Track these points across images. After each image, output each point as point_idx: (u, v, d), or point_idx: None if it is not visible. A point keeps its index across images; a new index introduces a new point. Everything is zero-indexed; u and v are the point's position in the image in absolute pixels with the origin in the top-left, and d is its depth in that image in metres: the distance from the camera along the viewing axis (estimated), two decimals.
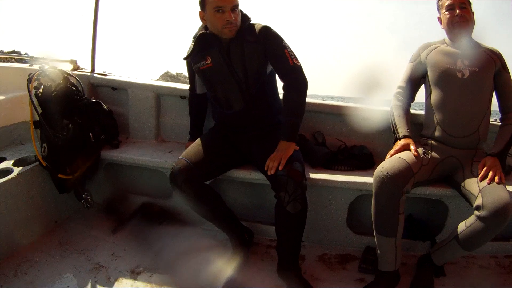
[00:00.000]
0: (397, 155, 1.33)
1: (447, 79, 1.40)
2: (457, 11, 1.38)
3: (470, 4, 1.42)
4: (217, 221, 1.44)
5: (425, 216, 1.61)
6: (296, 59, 1.37)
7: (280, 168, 1.24)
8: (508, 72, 1.43)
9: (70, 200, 1.62)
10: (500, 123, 1.47)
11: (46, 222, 1.56)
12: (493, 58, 1.41)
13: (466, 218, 1.21)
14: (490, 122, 1.50)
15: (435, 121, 1.42)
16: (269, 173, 1.26)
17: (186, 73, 1.62)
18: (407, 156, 1.32)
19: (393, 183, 1.23)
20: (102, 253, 1.45)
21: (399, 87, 1.52)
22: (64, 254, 1.43)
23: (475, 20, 1.43)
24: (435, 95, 1.42)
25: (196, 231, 1.57)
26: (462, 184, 1.34)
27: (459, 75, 1.38)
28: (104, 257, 1.42)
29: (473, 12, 1.42)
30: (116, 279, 1.30)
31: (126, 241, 1.54)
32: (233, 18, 1.30)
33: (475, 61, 1.38)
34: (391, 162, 1.28)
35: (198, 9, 1.37)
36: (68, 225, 1.62)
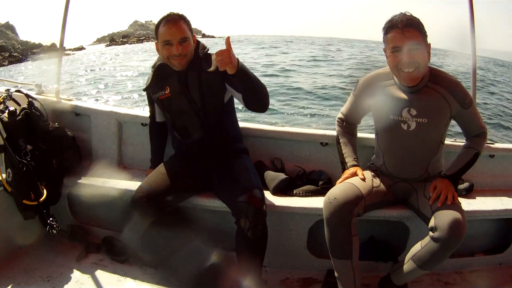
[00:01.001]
0: (346, 180, 1.41)
1: (391, 130, 1.40)
2: (405, 57, 1.24)
3: (424, 37, 1.26)
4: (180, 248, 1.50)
5: (387, 237, 1.68)
6: None
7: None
8: (469, 107, 1.37)
9: (35, 226, 1.67)
10: (464, 145, 1.50)
11: (11, 248, 1.61)
12: (448, 101, 1.33)
13: None
14: (450, 143, 1.57)
15: (382, 160, 1.49)
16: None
17: (155, 21, 1.65)
18: (355, 180, 1.39)
19: (342, 207, 1.30)
20: (67, 280, 1.50)
21: (343, 114, 1.56)
22: (29, 282, 1.48)
23: (430, 53, 1.28)
24: (380, 138, 1.48)
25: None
26: (416, 205, 1.42)
27: (404, 127, 1.37)
28: (68, 285, 1.48)
29: (429, 44, 1.28)
30: None
31: (90, 269, 1.59)
32: (180, 51, 1.35)
33: (425, 110, 1.33)
34: (339, 187, 1.36)
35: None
36: (33, 252, 1.67)
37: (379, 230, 1.69)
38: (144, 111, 1.80)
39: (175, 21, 1.38)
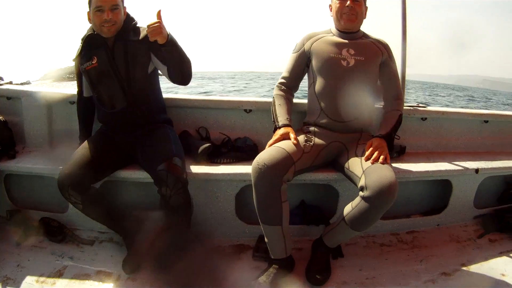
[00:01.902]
0: (276, 144, 1.43)
1: (331, 67, 1.52)
2: (348, 2, 1.52)
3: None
4: (108, 223, 1.57)
5: (318, 201, 1.75)
6: None
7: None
8: (394, 63, 1.59)
9: None
10: (385, 109, 1.61)
11: None
12: (380, 48, 1.56)
13: None
14: (377, 107, 1.66)
15: (319, 108, 1.55)
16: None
17: None
18: (286, 145, 1.43)
19: (272, 173, 1.32)
20: (9, 265, 1.55)
21: (282, 77, 1.65)
22: None
23: (366, 14, 1.58)
24: (319, 82, 1.55)
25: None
26: (346, 165, 1.46)
27: (344, 63, 1.51)
28: (10, 269, 1.52)
29: (366, 7, 1.58)
30: None
31: (30, 252, 1.65)
32: (111, 17, 1.44)
33: (361, 50, 1.53)
34: (269, 152, 1.38)
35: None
36: None
37: (310, 194, 1.77)
38: (72, 90, 1.86)
39: None
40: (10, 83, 2.03)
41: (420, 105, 2.00)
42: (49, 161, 1.72)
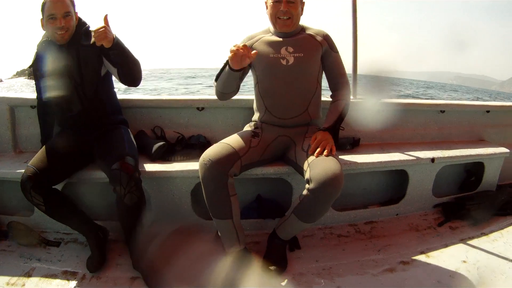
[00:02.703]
0: (222, 141, 1.54)
1: (272, 67, 1.62)
2: (282, 7, 1.56)
3: None
4: (71, 223, 1.67)
5: (273, 195, 1.85)
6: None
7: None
8: (336, 52, 1.67)
9: None
10: (332, 100, 1.71)
11: None
12: (319, 41, 1.64)
13: None
14: (323, 99, 1.75)
15: (264, 107, 1.65)
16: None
17: None
18: (232, 141, 1.53)
19: (217, 168, 1.42)
20: None
21: None
22: None
23: (303, 10, 1.64)
24: (262, 83, 1.66)
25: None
26: (294, 159, 1.57)
27: (284, 62, 1.60)
28: None
29: (303, 3, 1.63)
30: None
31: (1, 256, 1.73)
32: (63, 24, 1.54)
33: (300, 47, 1.61)
34: (215, 148, 1.48)
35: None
36: None
37: (266, 189, 1.87)
38: (33, 94, 1.94)
39: None
40: None
41: None
42: (13, 165, 1.81)
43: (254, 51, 1.46)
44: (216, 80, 1.60)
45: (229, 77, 1.52)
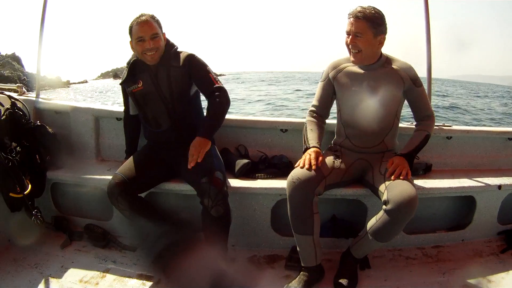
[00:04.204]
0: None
1: (353, 100, 1.79)
2: (349, 40, 1.69)
3: (372, 29, 1.65)
4: (154, 227, 1.84)
5: (347, 215, 2.02)
6: (220, 82, 1.82)
7: (199, 160, 1.67)
8: (420, 86, 1.79)
9: (21, 220, 2.01)
10: (414, 127, 1.87)
11: (0, 241, 1.97)
12: (402, 76, 1.75)
13: None
14: (405, 126, 1.90)
15: (344, 134, 1.85)
16: (189, 167, 1.67)
17: None
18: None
19: (305, 186, 1.62)
20: (53, 266, 1.85)
21: (313, 106, 1.93)
22: (18, 269, 1.83)
23: (383, 42, 1.70)
24: (343, 112, 1.85)
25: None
26: (372, 182, 1.75)
27: (365, 96, 1.76)
28: (54, 270, 1.82)
29: (381, 36, 1.68)
30: None
31: (74, 255, 1.94)
32: (152, 45, 1.71)
33: (381, 82, 1.75)
34: (301, 168, 1.67)
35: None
36: (20, 243, 2.02)
37: (340, 209, 2.04)
38: (118, 107, 2.15)
39: (146, 20, 1.75)
40: (68, 82, 2.36)
41: (446, 124, 2.25)
42: (96, 172, 2.02)
43: (320, 159, 1.68)
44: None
45: None
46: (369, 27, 1.65)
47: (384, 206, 1.56)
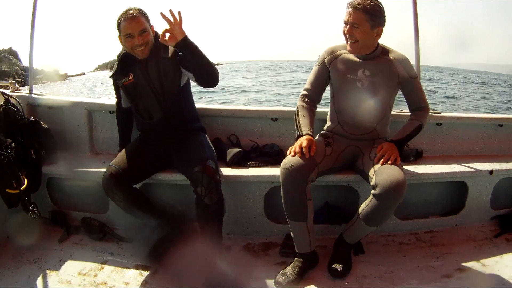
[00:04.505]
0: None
1: (347, 87, 1.83)
2: (347, 30, 1.72)
3: (370, 21, 1.67)
4: (150, 218, 1.88)
5: (340, 202, 2.06)
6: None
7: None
8: (414, 78, 1.83)
9: (19, 217, 2.04)
10: (408, 115, 1.90)
11: None
12: (397, 68, 1.78)
13: None
14: (398, 113, 1.94)
15: (337, 120, 1.89)
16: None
17: None
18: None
19: (298, 173, 1.66)
20: (52, 260, 1.89)
21: (305, 89, 1.96)
22: (18, 265, 1.86)
23: (380, 34, 1.73)
24: (337, 99, 1.89)
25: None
26: (362, 167, 1.80)
27: (359, 84, 1.80)
28: (53, 263, 1.86)
29: (379, 28, 1.71)
30: (66, 281, 1.73)
31: (72, 249, 1.98)
32: (141, 41, 1.75)
33: (377, 72, 1.78)
34: (294, 155, 1.71)
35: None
36: (18, 238, 2.05)
37: (333, 196, 2.09)
38: (110, 100, 2.19)
39: (134, 15, 1.78)
40: (66, 75, 2.40)
41: (436, 111, 2.29)
42: (90, 165, 2.06)
43: (313, 148, 1.69)
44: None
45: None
46: (367, 19, 1.68)
47: (372, 191, 1.61)
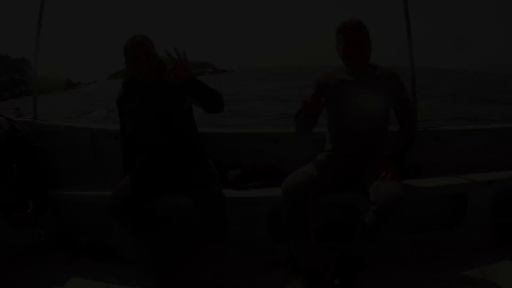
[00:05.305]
0: (300, 169, 1.85)
1: (341, 107, 1.91)
2: (351, 50, 1.82)
3: (368, 36, 1.84)
4: (151, 245, 1.96)
5: (341, 219, 2.12)
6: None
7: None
8: (404, 92, 1.94)
9: (26, 239, 2.13)
10: (399, 132, 1.99)
11: (6, 259, 2.09)
12: (389, 83, 1.89)
13: None
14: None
15: (334, 140, 1.98)
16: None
17: None
18: (309, 169, 1.86)
19: (299, 193, 1.74)
20: (58, 283, 1.94)
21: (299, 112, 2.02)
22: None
23: (371, 49, 1.87)
24: (333, 119, 1.98)
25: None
26: (363, 186, 1.88)
27: (353, 103, 1.88)
28: (59, 287, 1.91)
29: (370, 42, 1.87)
30: None
31: (78, 271, 2.06)
32: (147, 64, 1.87)
33: (370, 90, 1.87)
34: (295, 176, 1.81)
35: None
36: (25, 261, 2.14)
37: (336, 213, 2.13)
38: (114, 125, 2.26)
39: (139, 41, 1.88)
40: (79, 83, 2.50)
41: (433, 126, 2.37)
42: (95, 190, 2.14)
43: (322, 99, 1.73)
44: (295, 119, 1.91)
45: (306, 120, 1.84)
46: (367, 34, 1.84)
47: (372, 207, 1.69)
